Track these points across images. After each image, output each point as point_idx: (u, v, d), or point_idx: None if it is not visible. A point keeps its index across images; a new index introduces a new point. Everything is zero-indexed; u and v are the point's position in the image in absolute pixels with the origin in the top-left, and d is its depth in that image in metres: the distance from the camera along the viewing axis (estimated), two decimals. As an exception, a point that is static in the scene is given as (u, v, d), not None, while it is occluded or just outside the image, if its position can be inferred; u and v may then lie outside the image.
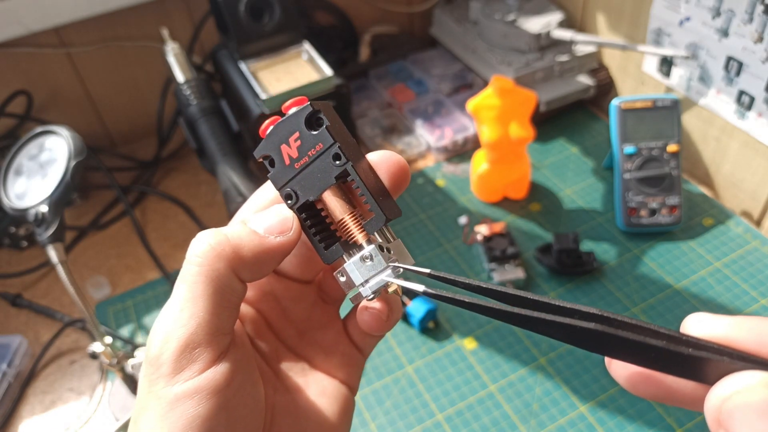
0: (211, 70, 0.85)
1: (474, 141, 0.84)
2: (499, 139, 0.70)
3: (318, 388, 0.30)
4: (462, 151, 0.84)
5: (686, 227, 0.71)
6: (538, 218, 0.74)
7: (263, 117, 0.67)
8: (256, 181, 0.66)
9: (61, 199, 0.58)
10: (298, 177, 0.28)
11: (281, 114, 0.28)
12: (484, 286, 0.24)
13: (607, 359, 0.22)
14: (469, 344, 0.62)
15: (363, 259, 0.27)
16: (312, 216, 0.28)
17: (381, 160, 0.28)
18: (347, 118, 0.72)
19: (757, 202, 0.71)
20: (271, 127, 0.28)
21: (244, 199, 0.64)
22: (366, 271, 0.27)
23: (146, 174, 0.86)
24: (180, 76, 0.72)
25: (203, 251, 0.26)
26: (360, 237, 0.27)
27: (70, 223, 0.80)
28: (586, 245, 0.70)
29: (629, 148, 0.71)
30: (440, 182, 0.80)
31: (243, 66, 0.72)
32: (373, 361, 0.62)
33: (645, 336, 0.20)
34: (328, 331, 0.32)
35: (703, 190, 0.76)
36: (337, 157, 0.27)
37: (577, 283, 0.67)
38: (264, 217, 0.27)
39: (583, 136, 0.84)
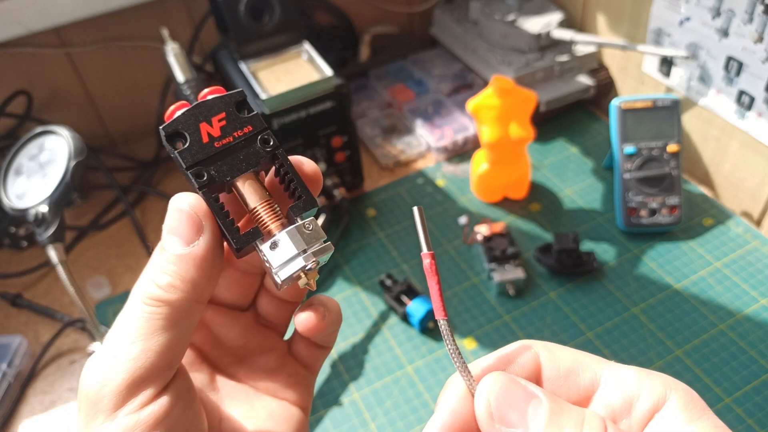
0: (211, 70, 0.85)
1: (474, 141, 0.84)
2: (499, 139, 0.70)
3: (265, 412, 0.29)
4: (462, 151, 0.84)
5: (686, 227, 0.71)
6: (538, 218, 0.74)
7: (263, 117, 0.67)
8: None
9: (61, 199, 0.58)
10: (216, 157, 0.25)
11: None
12: None
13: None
14: (469, 344, 0.62)
15: (298, 231, 0.25)
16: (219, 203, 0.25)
17: (297, 160, 0.27)
18: (347, 118, 0.72)
19: (757, 202, 0.71)
20: (195, 104, 0.25)
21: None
22: (300, 244, 0.25)
23: (146, 174, 0.86)
24: (180, 76, 0.72)
25: (160, 296, 0.24)
26: (275, 225, 0.25)
27: (70, 223, 0.80)
28: (586, 245, 0.70)
29: (629, 148, 0.71)
30: (440, 182, 0.80)
31: (243, 66, 0.72)
32: (373, 361, 0.62)
33: None
34: (270, 354, 0.31)
35: (703, 190, 0.76)
36: (266, 141, 0.26)
37: (577, 283, 0.67)
38: (175, 230, 0.25)
39: (583, 136, 0.84)
